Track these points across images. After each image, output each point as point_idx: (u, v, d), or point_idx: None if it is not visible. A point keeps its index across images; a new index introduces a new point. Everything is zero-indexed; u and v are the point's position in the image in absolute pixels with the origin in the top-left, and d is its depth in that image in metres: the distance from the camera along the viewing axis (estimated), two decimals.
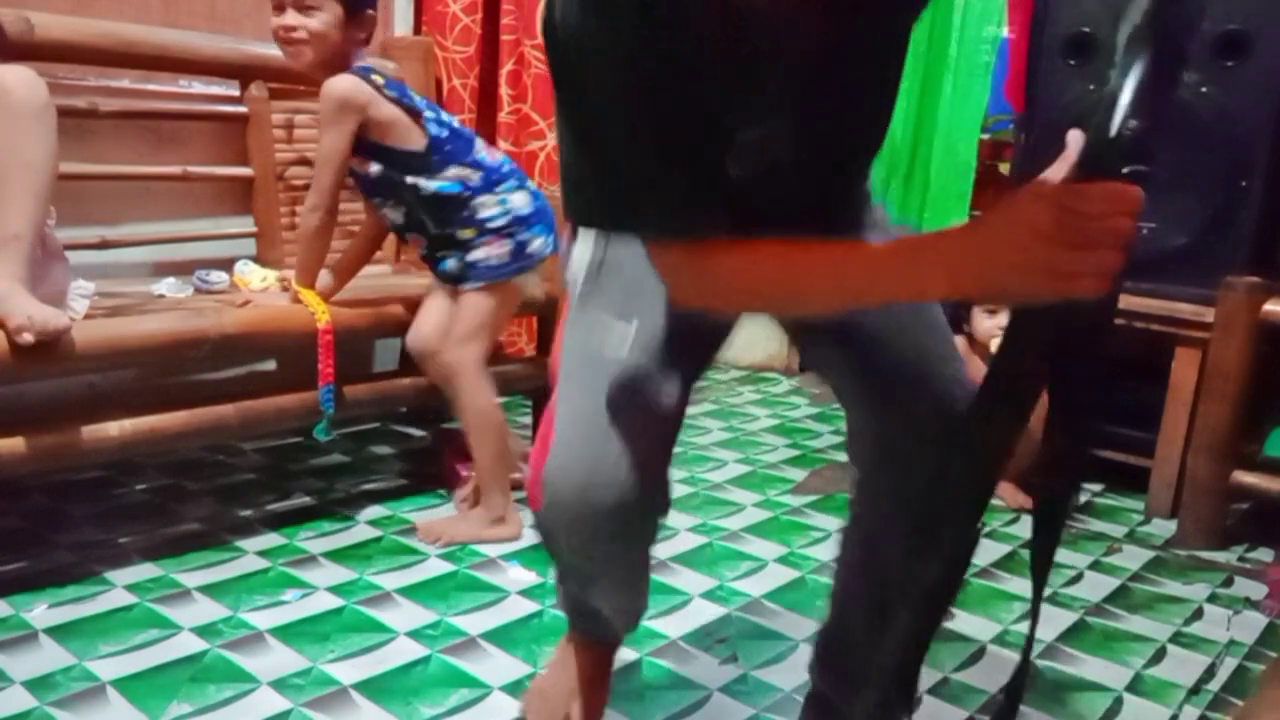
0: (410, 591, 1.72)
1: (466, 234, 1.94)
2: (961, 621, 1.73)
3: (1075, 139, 0.75)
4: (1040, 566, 0.84)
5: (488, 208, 1.93)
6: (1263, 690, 0.93)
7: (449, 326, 1.96)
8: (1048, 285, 0.69)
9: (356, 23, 1.82)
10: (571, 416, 1.00)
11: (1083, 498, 2.43)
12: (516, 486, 2.07)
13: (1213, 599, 1.90)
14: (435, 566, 1.83)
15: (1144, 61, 0.70)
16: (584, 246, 1.07)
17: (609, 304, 1.03)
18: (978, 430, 0.81)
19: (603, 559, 1.09)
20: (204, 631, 1.54)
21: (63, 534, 1.86)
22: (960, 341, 2.18)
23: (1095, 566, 2.02)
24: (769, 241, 0.81)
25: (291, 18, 1.76)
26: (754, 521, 2.14)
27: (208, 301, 1.97)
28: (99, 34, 1.99)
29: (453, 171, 1.90)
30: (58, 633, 1.51)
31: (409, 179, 1.89)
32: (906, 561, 0.89)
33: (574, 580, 1.22)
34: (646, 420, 0.99)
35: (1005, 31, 2.93)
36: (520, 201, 1.97)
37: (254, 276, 2.16)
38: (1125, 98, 0.70)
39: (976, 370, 1.29)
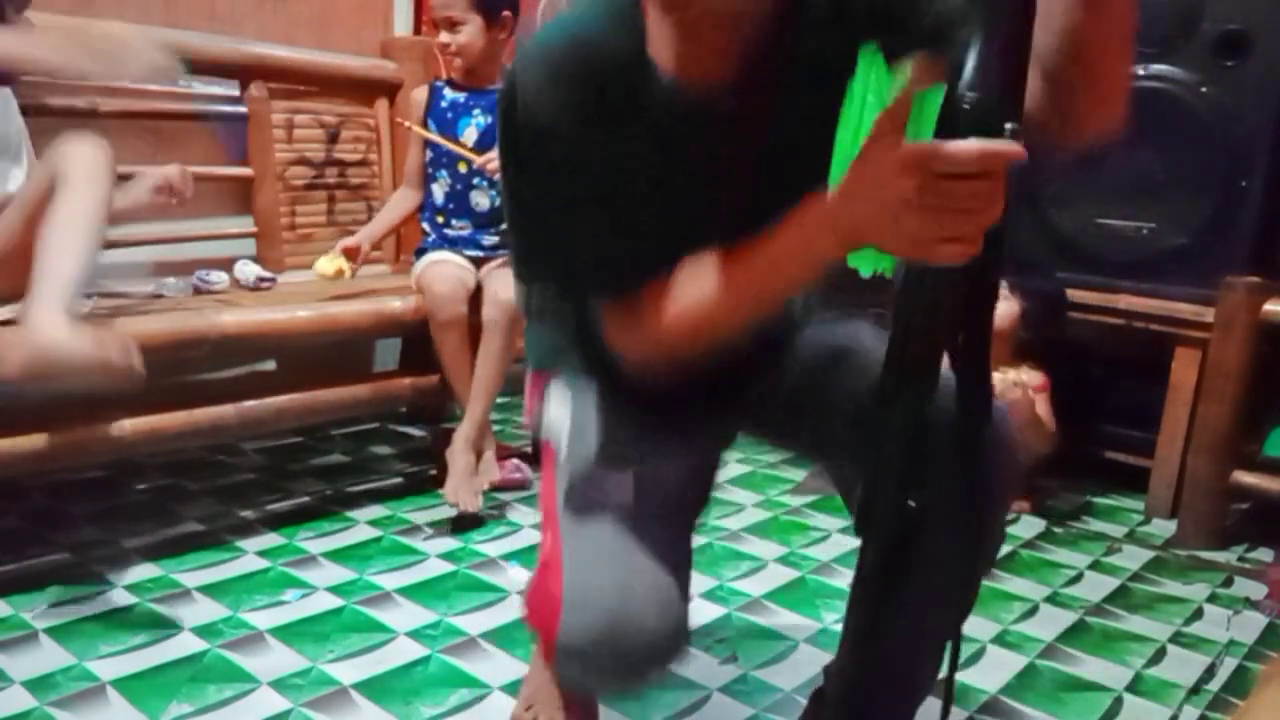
0: (410, 591, 1.72)
1: None
2: None
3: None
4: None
5: None
6: (1262, 690, 0.94)
7: (470, 292, 2.04)
8: (913, 251, 0.70)
9: (498, 26, 2.13)
10: (583, 564, 0.95)
11: (1083, 498, 2.43)
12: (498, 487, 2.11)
13: (1213, 599, 1.90)
14: (435, 566, 1.83)
15: (980, 34, 0.70)
16: (559, 409, 1.06)
17: (597, 480, 1.00)
18: (887, 405, 0.81)
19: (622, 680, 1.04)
20: (204, 631, 1.54)
21: (63, 534, 1.86)
22: None
23: (1095, 566, 2.02)
24: (682, 273, 0.88)
25: (445, 36, 2.13)
26: (754, 521, 2.14)
27: (208, 301, 1.97)
28: None
29: None
30: (58, 633, 1.51)
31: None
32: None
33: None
34: (662, 554, 0.95)
35: None
36: None
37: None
38: (964, 71, 0.69)
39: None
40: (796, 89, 0.90)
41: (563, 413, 1.05)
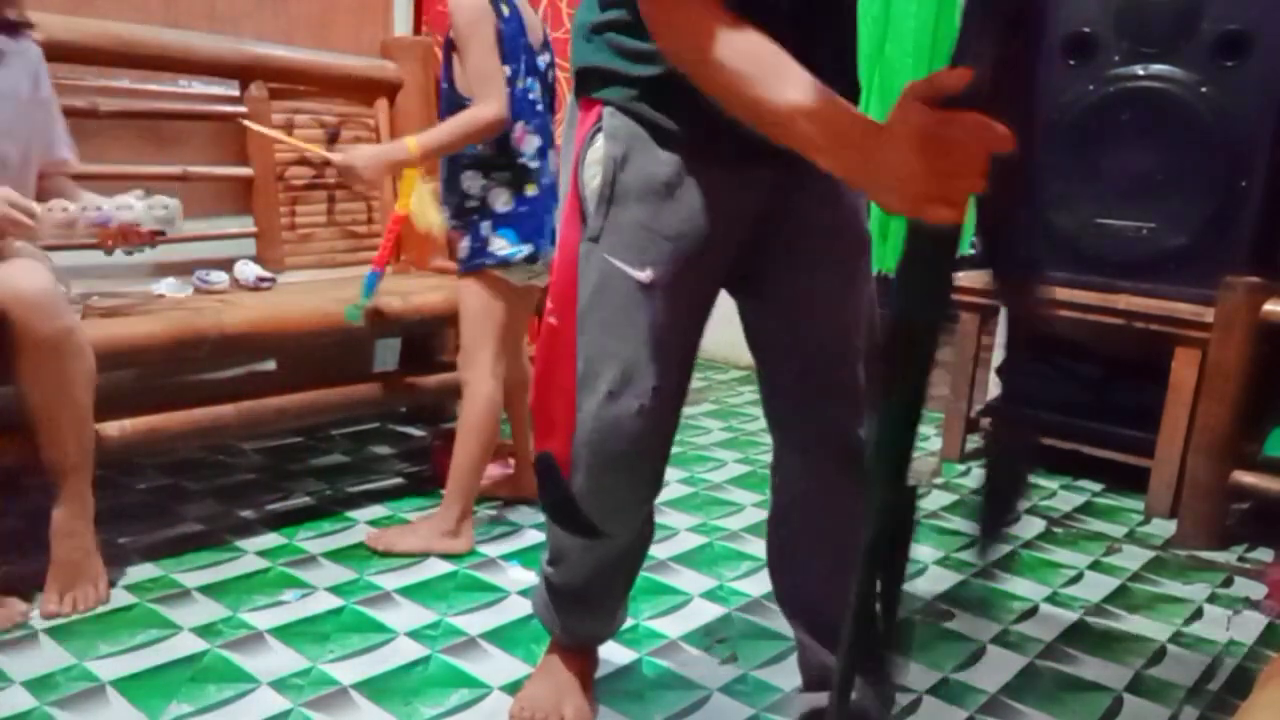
0: (410, 591, 1.72)
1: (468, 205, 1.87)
2: (962, 621, 1.73)
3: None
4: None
5: (470, 182, 1.85)
6: (1262, 690, 0.94)
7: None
8: (908, 206, 0.78)
9: None
10: (597, 348, 1.10)
11: (1083, 498, 2.43)
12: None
13: (1213, 599, 1.90)
14: (435, 566, 1.83)
15: None
16: (604, 149, 1.07)
17: (621, 248, 1.07)
18: (886, 382, 0.84)
19: (609, 508, 1.17)
20: (204, 631, 1.54)
21: None
22: None
23: (1095, 566, 2.02)
24: (746, 26, 0.90)
25: None
26: (754, 521, 2.14)
27: (208, 301, 1.97)
28: (99, 34, 1.99)
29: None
30: (58, 633, 1.51)
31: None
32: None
33: (559, 595, 1.33)
34: (667, 347, 1.10)
35: None
36: (501, 200, 1.86)
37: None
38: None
39: None
40: None
41: (598, 159, 1.08)
